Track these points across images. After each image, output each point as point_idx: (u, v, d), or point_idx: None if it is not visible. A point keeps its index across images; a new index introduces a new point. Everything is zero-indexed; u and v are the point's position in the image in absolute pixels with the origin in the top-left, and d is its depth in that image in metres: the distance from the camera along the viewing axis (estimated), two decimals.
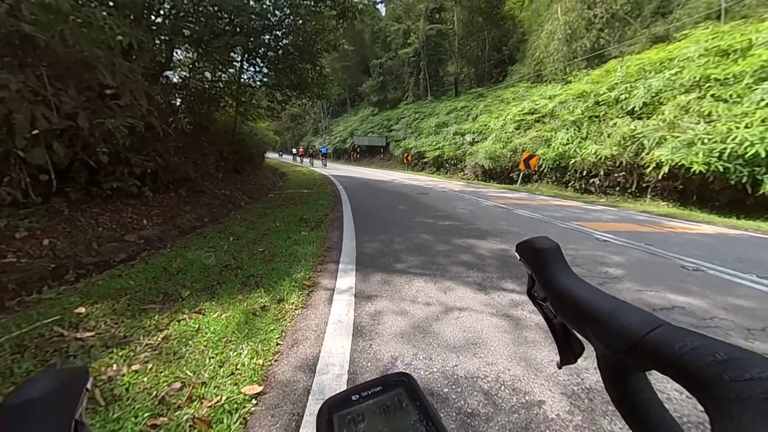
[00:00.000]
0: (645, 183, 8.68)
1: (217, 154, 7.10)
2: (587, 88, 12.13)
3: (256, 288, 2.27)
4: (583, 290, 0.26)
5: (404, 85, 30.37)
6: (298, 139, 45.45)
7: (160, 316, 1.85)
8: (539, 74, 18.86)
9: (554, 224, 4.87)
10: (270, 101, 8.17)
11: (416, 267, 2.83)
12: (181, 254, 2.96)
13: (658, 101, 9.15)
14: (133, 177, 4.35)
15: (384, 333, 1.76)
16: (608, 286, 2.45)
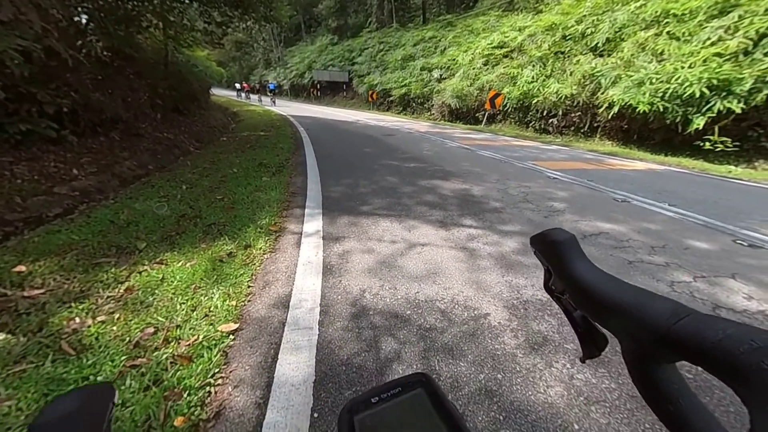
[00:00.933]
0: (596, 123, 9.20)
1: (150, 90, 6.08)
2: (556, 19, 11.68)
3: (220, 236, 2.22)
4: (604, 281, 0.25)
5: (366, 8, 26.78)
6: (247, 72, 39.82)
7: (117, 269, 1.78)
8: (511, 1, 17.55)
9: (512, 164, 5.14)
10: (206, 22, 6.83)
11: (382, 208, 2.91)
12: (128, 205, 2.72)
13: (620, 37, 9.18)
14: (46, 117, 3.65)
15: (352, 270, 1.88)
16: (552, 219, 2.77)
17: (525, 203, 3.16)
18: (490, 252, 2.13)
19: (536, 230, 2.50)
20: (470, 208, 2.98)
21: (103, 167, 3.99)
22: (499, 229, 2.51)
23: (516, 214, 2.86)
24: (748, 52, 6.53)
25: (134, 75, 5.88)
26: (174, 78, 7.09)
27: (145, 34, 6.60)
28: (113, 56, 5.34)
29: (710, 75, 6.50)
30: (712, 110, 6.53)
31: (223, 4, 6.29)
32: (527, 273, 1.89)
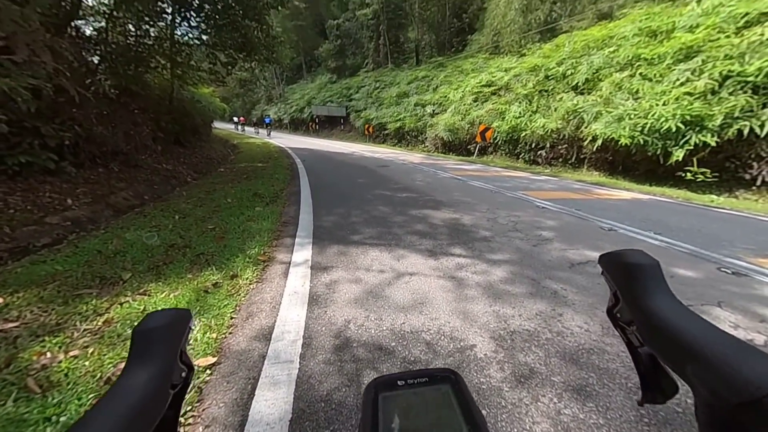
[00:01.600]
0: (583, 155, 9.60)
1: (153, 124, 6.33)
2: (539, 62, 12.63)
3: (207, 266, 2.21)
4: (688, 320, 0.22)
5: (364, 51, 28.84)
6: (249, 107, 41.69)
7: (99, 301, 1.74)
8: (497, 45, 19.07)
9: (503, 194, 5.27)
10: (212, 63, 7.30)
11: (372, 238, 2.93)
12: (118, 235, 2.72)
13: (598, 78, 9.90)
14: (47, 150, 3.76)
15: (338, 300, 1.86)
16: (540, 247, 2.80)
17: (514, 232, 3.21)
18: (478, 281, 2.13)
19: (524, 258, 2.53)
20: (460, 237, 3.01)
21: (98, 197, 4.03)
22: (487, 258, 2.53)
23: (505, 243, 2.89)
24: (715, 91, 7.05)
25: (139, 110, 6.15)
26: (177, 113, 7.42)
27: (153, 73, 7.01)
28: (120, 93, 5.62)
29: (683, 111, 6.96)
30: (689, 143, 6.89)
31: (229, 48, 6.77)
32: (514, 302, 1.88)
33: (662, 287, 0.25)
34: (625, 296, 0.27)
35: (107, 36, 5.99)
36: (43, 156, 3.70)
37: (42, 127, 3.64)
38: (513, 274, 2.25)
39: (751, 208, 5.15)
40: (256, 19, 6.13)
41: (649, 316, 0.24)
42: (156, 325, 0.26)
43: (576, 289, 2.06)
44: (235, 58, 7.09)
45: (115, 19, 5.97)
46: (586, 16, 17.40)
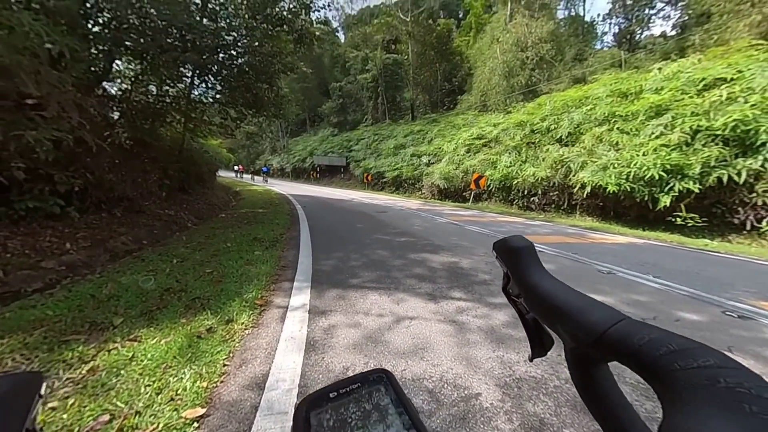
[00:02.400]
0: (574, 201, 9.94)
1: (161, 172, 6.61)
2: (524, 118, 13.78)
3: (202, 310, 2.15)
4: (554, 287, 0.27)
5: (363, 108, 31.47)
6: (254, 157, 43.85)
7: (86, 347, 1.67)
8: (484, 104, 20.98)
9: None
10: (223, 118, 7.92)
11: (371, 281, 2.91)
12: (113, 279, 2.68)
13: (579, 132, 10.74)
14: (56, 195, 3.88)
15: (337, 345, 1.79)
16: None
17: None
18: (480, 325, 2.07)
19: None
20: (459, 280, 2.99)
21: (97, 242, 4.05)
22: (488, 301, 2.49)
23: None
24: (689, 143, 7.63)
25: (149, 159, 6.48)
26: (185, 162, 7.80)
27: (167, 127, 7.55)
28: (134, 144, 5.98)
29: (662, 161, 7.43)
30: (673, 190, 7.23)
31: (240, 105, 7.41)
32: (519, 347, 1.82)
33: (537, 264, 0.30)
34: (514, 274, 0.31)
35: (130, 95, 6.60)
36: (51, 201, 3.80)
37: (56, 175, 3.81)
38: (515, 317, 2.20)
39: (745, 252, 5.21)
40: (267, 82, 6.85)
41: (530, 288, 0.29)
42: None
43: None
44: (244, 114, 7.71)
45: (139, 81, 6.63)
46: (562, 80, 19.55)
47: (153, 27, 5.42)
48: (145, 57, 5.75)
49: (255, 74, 6.53)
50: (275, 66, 6.82)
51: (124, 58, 6.11)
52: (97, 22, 5.36)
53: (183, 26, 4.91)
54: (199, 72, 6.40)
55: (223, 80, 6.78)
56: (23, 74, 3.12)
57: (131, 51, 5.66)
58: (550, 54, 19.53)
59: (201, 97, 7.78)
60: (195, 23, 5.08)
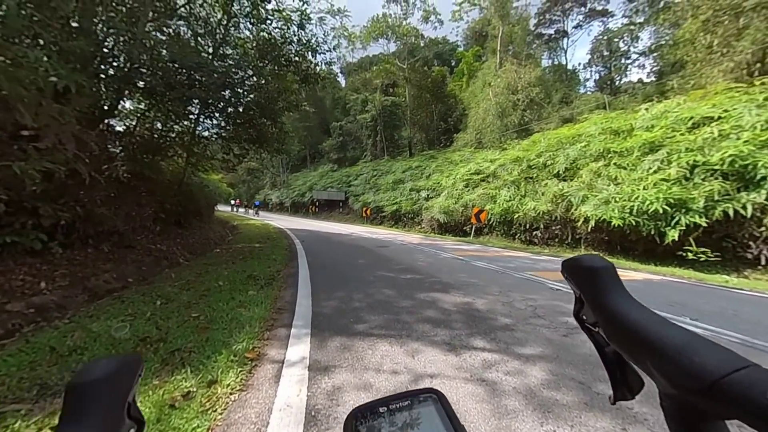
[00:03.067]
0: (578, 235, 9.75)
1: (157, 206, 6.41)
2: (520, 154, 14.13)
3: (181, 367, 1.80)
4: (645, 317, 0.23)
5: (363, 146, 32.55)
6: (254, 192, 44.27)
7: (25, 423, 1.31)
8: (480, 141, 21.76)
9: (510, 275, 5.04)
10: (226, 154, 7.95)
11: (379, 327, 2.57)
12: (83, 326, 2.33)
13: (576, 167, 10.91)
14: (39, 229, 3.62)
15: (343, 418, 1.43)
16: (572, 337, 2.44)
17: (536, 318, 2.87)
18: (515, 386, 1.73)
19: (560, 353, 2.15)
20: (478, 325, 2.66)
21: (77, 280, 3.70)
22: (517, 352, 2.16)
23: (530, 332, 2.53)
24: (688, 177, 7.67)
25: (146, 192, 6.32)
26: (184, 196, 7.65)
27: (168, 161, 7.53)
28: (131, 177, 5.86)
29: (664, 195, 7.40)
30: (680, 224, 7.10)
31: (243, 141, 7.48)
32: (570, 418, 1.47)
33: (618, 287, 0.26)
34: (589, 299, 0.27)
35: (134, 131, 6.64)
36: (32, 236, 3.53)
37: (41, 207, 3.58)
38: (554, 374, 1.86)
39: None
40: (272, 118, 6.98)
41: (609, 315, 0.25)
42: (95, 378, 0.24)
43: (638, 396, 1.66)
44: (247, 149, 7.75)
45: (145, 118, 6.72)
46: (552, 120, 20.55)
47: (163, 67, 5.59)
48: (153, 96, 5.86)
49: (260, 111, 6.66)
50: (280, 104, 6.99)
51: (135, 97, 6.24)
52: (110, 63, 5.53)
53: (192, 65, 5.04)
54: (205, 108, 6.51)
55: (228, 117, 6.90)
56: (21, 106, 3.04)
57: (140, 89, 5.79)
58: (539, 96, 20.75)
59: (205, 132, 7.88)
60: (204, 62, 5.23)
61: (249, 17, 7.02)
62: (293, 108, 7.61)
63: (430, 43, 36.62)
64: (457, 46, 39.16)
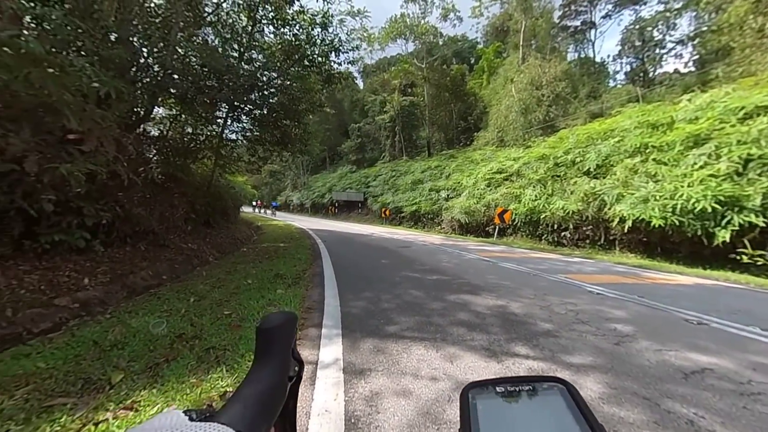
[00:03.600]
0: (612, 236, 9.17)
1: (189, 207, 6.65)
2: (546, 151, 13.54)
3: (217, 365, 1.78)
4: None
5: (381, 146, 32.57)
6: (276, 194, 45.51)
7: (70, 418, 1.32)
8: (502, 139, 21.11)
9: (543, 277, 4.77)
10: (252, 155, 8.14)
11: (411, 329, 2.46)
12: (123, 321, 2.39)
13: (609, 163, 10.28)
14: (82, 229, 3.81)
15: (386, 426, 1.34)
16: (626, 346, 2.22)
17: (580, 324, 2.66)
18: None
19: (614, 363, 1.95)
20: (516, 330, 2.49)
21: (117, 277, 3.87)
22: (564, 361, 1.98)
23: (576, 339, 2.34)
24: (740, 173, 6.99)
25: (178, 194, 6.57)
26: (213, 197, 7.91)
27: (198, 163, 7.81)
28: (165, 179, 6.11)
29: (713, 192, 6.77)
30: (732, 223, 6.47)
31: (268, 142, 7.63)
32: None
33: None
34: None
35: (167, 134, 6.94)
36: (77, 235, 3.72)
37: (85, 208, 3.77)
38: (611, 387, 1.68)
39: None
40: (296, 119, 7.07)
41: None
42: (273, 325, 0.29)
43: (719, 416, 1.45)
44: (272, 150, 7.90)
45: (177, 122, 7.00)
46: (579, 115, 19.59)
47: (194, 72, 5.80)
48: (184, 100, 6.10)
49: (284, 113, 6.76)
50: (303, 105, 7.06)
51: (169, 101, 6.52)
52: (145, 71, 5.80)
53: (222, 68, 5.18)
54: (233, 111, 6.69)
55: (254, 119, 7.05)
56: (68, 111, 3.20)
57: (173, 95, 6.03)
58: (565, 91, 19.85)
59: (232, 135, 8.12)
60: (232, 65, 5.36)
61: (273, 21, 7.17)
62: (316, 108, 7.68)
63: (449, 41, 36.16)
64: (477, 43, 38.36)
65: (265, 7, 7.06)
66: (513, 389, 0.25)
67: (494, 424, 0.23)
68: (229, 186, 11.14)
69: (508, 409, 0.24)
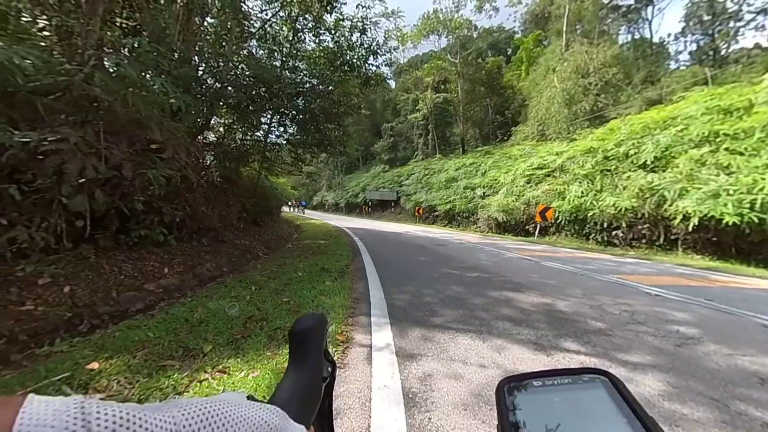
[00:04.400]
0: (673, 235, 8.32)
1: (240, 206, 7.30)
2: (594, 144, 12.60)
3: (285, 343, 2.02)
4: None
5: (413, 145, 32.48)
6: (312, 194, 47.48)
7: (180, 375, 1.62)
8: (543, 133, 19.96)
9: (592, 277, 4.53)
10: (293, 157, 8.68)
11: (456, 321, 2.55)
12: (202, 304, 2.78)
13: (670, 155, 9.32)
14: (162, 225, 4.41)
15: (441, 403, 1.46)
16: (690, 348, 2.10)
17: (636, 325, 2.54)
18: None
19: (676, 363, 1.88)
20: (564, 327, 2.46)
21: (188, 268, 4.41)
22: (619, 358, 1.94)
23: (632, 339, 2.25)
24: None
25: (232, 195, 7.24)
26: (259, 197, 8.58)
27: (246, 166, 8.52)
28: (222, 181, 6.78)
29: None
30: None
31: (309, 144, 8.09)
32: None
33: None
34: None
35: (222, 141, 7.67)
36: (158, 230, 4.31)
37: (164, 207, 4.35)
38: (672, 386, 1.63)
39: None
40: (336, 122, 7.42)
41: None
42: (305, 328, 0.30)
43: None
44: (314, 152, 8.35)
45: (231, 130, 7.72)
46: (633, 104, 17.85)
47: (246, 84, 6.36)
48: (238, 109, 6.72)
49: (325, 116, 7.13)
50: (342, 108, 7.38)
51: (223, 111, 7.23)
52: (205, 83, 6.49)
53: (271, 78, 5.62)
54: (278, 117, 7.20)
55: (296, 123, 7.53)
56: (152, 124, 3.75)
57: (228, 104, 6.67)
58: (616, 78, 18.23)
59: (276, 139, 8.73)
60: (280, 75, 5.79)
61: (312, 30, 7.59)
62: (354, 111, 7.97)
63: (484, 34, 34.91)
64: (515, 33, 36.60)
65: (305, 17, 7.50)
66: (551, 382, 0.24)
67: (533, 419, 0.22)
68: (273, 187, 11.94)
69: (546, 403, 0.23)
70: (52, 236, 3.03)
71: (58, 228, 3.09)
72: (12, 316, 2.22)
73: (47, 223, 3.02)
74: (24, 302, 2.48)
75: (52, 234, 3.04)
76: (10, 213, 2.72)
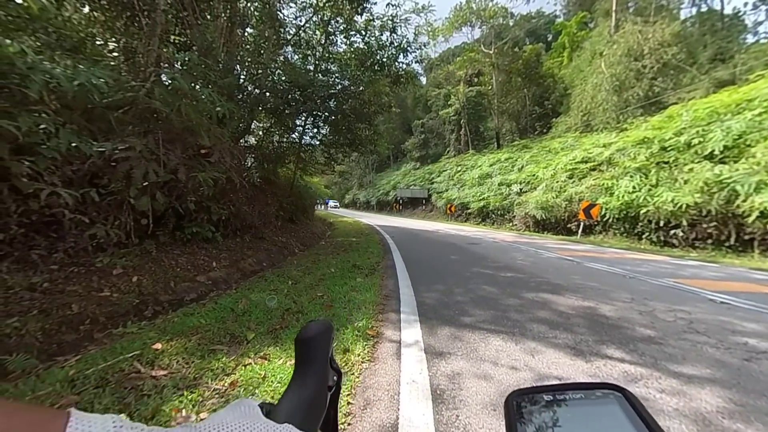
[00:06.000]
0: (747, 235, 7.29)
1: (278, 205, 7.75)
2: (649, 134, 11.42)
3: None
4: None
5: (445, 142, 31.83)
6: (344, 192, 48.67)
7: (228, 359, 1.79)
8: (588, 124, 18.46)
9: (643, 281, 4.15)
10: (326, 157, 8.99)
11: (487, 322, 2.50)
12: (245, 296, 3.02)
13: (744, 144, 8.14)
14: (210, 223, 4.84)
15: (469, 401, 1.46)
16: (759, 363, 1.86)
17: (694, 334, 2.29)
18: (679, 408, 1.43)
19: (740, 379, 1.69)
20: (608, 333, 2.30)
21: (233, 262, 4.80)
22: (671, 369, 1.78)
23: (688, 349, 2.04)
24: None
25: (271, 194, 7.70)
26: (295, 196, 9.02)
27: (283, 167, 9.00)
28: (262, 182, 7.23)
29: None
30: None
31: (341, 144, 8.33)
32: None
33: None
34: None
35: (261, 144, 8.18)
36: (207, 228, 4.74)
37: (212, 206, 4.77)
38: (736, 403, 1.46)
39: None
40: (367, 122, 7.56)
41: None
42: (311, 335, 0.31)
43: None
44: (347, 152, 8.58)
45: (269, 133, 8.20)
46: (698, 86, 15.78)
47: (282, 89, 6.72)
48: (275, 113, 7.12)
49: (356, 116, 7.29)
50: (373, 107, 7.49)
51: (260, 115, 7.71)
52: (246, 90, 6.96)
53: (306, 82, 5.87)
54: (312, 119, 7.50)
55: (329, 124, 7.78)
56: (202, 131, 4.12)
57: (266, 109, 7.10)
58: (677, 58, 16.25)
59: (310, 140, 9.11)
60: (313, 79, 6.03)
61: (344, 32, 7.77)
62: (385, 109, 8.05)
63: (521, 20, 33.08)
64: (556, 17, 34.14)
65: (337, 20, 7.70)
66: (562, 397, 0.23)
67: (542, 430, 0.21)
68: (307, 186, 12.45)
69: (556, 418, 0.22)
70: (123, 233, 3.48)
71: (128, 225, 3.54)
72: (94, 301, 2.60)
73: (119, 221, 3.47)
74: (102, 289, 2.89)
75: (123, 231, 3.50)
76: (91, 213, 3.17)
